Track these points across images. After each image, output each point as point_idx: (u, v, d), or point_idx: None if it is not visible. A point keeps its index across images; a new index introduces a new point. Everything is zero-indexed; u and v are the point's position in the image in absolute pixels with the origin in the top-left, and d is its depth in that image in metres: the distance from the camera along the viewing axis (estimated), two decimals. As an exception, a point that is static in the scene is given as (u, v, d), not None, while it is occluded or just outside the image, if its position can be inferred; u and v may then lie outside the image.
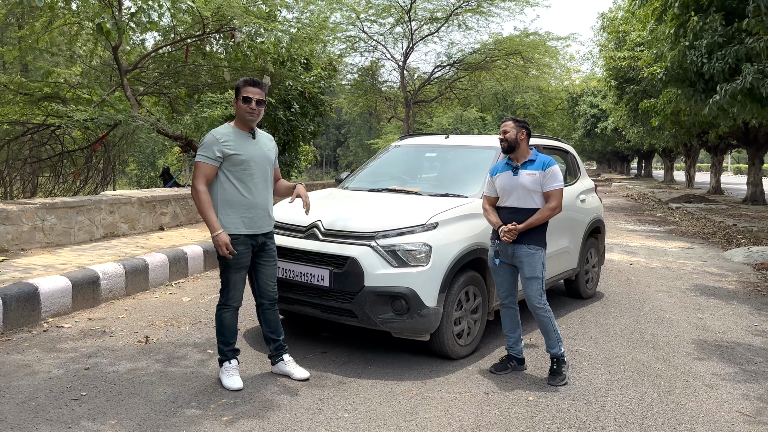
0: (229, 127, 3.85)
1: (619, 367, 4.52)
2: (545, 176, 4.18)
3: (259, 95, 3.82)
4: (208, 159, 3.74)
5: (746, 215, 15.43)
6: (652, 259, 9.37)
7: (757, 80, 9.24)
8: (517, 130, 4.24)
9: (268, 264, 4.03)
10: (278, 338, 4.14)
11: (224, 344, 3.96)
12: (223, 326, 3.94)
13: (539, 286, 4.17)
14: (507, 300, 4.36)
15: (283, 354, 4.15)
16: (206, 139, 3.78)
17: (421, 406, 3.72)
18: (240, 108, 3.81)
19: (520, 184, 4.20)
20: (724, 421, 3.65)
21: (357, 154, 51.45)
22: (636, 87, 19.25)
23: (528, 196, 4.20)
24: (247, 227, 3.84)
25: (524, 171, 4.23)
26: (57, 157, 11.63)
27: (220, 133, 3.79)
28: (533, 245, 4.16)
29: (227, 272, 3.88)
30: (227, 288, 3.92)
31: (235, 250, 3.77)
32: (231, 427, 3.36)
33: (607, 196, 25.90)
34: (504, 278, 4.34)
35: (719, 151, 25.10)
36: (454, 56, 22.94)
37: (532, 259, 4.15)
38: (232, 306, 3.95)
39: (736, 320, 5.92)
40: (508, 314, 4.37)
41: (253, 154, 3.84)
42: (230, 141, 3.77)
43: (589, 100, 39.93)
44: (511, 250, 4.21)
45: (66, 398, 3.66)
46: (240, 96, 3.80)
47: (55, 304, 5.23)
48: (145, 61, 11.61)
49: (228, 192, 3.81)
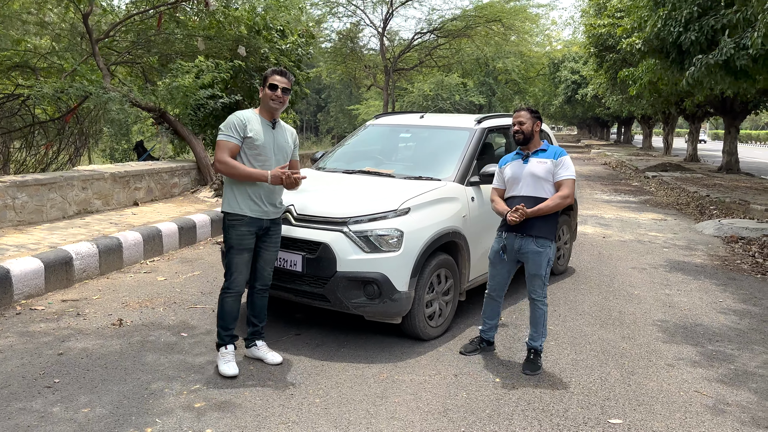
0: (252, 113, 3.92)
1: (585, 346, 4.65)
2: (557, 165, 4.10)
3: (286, 84, 3.89)
4: (231, 138, 3.81)
5: (720, 185, 15.68)
6: (625, 232, 9.53)
7: (732, 52, 9.28)
8: (533, 122, 4.16)
9: (269, 249, 4.06)
10: (258, 324, 4.18)
11: (223, 329, 3.97)
12: (223, 311, 3.96)
13: (541, 282, 4.16)
14: (495, 293, 4.38)
15: (257, 339, 4.20)
16: (229, 120, 3.84)
17: (391, 389, 3.81)
18: (266, 95, 3.87)
19: (530, 171, 4.13)
20: (682, 401, 3.79)
21: (338, 120, 50.99)
22: (615, 55, 19.23)
23: (538, 184, 4.12)
24: (252, 211, 3.88)
25: (535, 159, 4.16)
26: (28, 128, 11.39)
27: (243, 116, 3.86)
28: (542, 239, 4.07)
29: (230, 252, 3.91)
30: (230, 271, 3.94)
31: (235, 234, 3.85)
32: (203, 414, 3.42)
33: (586, 163, 26.11)
34: (500, 274, 4.31)
35: (696, 119, 25.31)
36: (435, 23, 22.67)
37: (539, 257, 4.09)
38: (234, 290, 3.95)
39: (702, 296, 6.09)
40: (491, 304, 4.42)
41: (268, 142, 3.89)
42: (251, 124, 3.84)
43: (570, 66, 39.85)
44: (518, 245, 4.14)
45: (39, 386, 3.69)
46: (267, 83, 3.86)
47: (27, 285, 5.21)
48: (117, 29, 11.33)
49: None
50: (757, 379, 4.18)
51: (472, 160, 5.20)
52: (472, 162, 5.19)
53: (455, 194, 4.87)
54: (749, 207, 11.34)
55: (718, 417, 3.61)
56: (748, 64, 9.33)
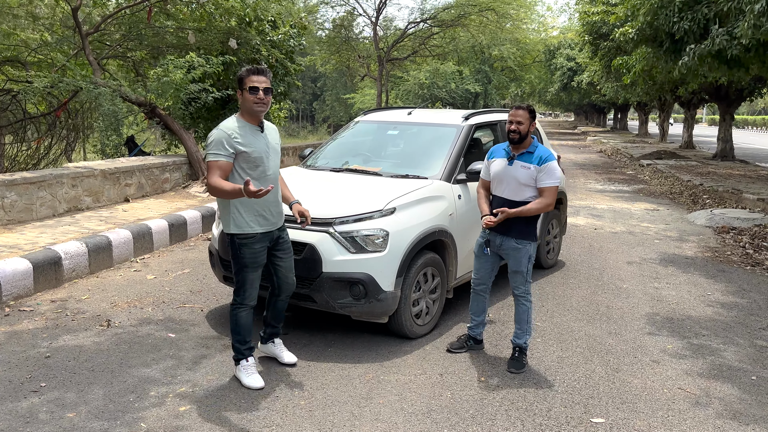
0: (236, 121, 3.64)
1: (571, 342, 4.67)
2: (540, 171, 4.05)
3: (266, 83, 3.61)
4: (222, 156, 3.53)
5: (714, 173, 15.69)
6: (616, 223, 9.55)
7: (725, 42, 9.26)
8: (530, 122, 4.09)
9: (285, 257, 3.94)
10: (277, 325, 4.15)
11: (240, 343, 3.86)
12: (238, 326, 3.83)
13: (523, 278, 4.18)
14: (480, 287, 4.40)
15: (275, 338, 4.19)
16: (216, 136, 3.55)
17: (376, 390, 3.83)
18: (247, 100, 3.59)
19: (513, 175, 4.11)
20: (665, 399, 3.82)
21: (334, 108, 50.82)
22: (610, 43, 19.13)
23: (519, 188, 4.09)
24: (262, 225, 3.72)
25: (519, 162, 4.10)
26: (19, 123, 11.34)
27: (229, 128, 3.58)
28: (521, 239, 4.10)
29: (244, 271, 3.75)
30: (243, 287, 3.78)
31: (249, 252, 3.69)
32: (188, 417, 3.44)
33: (581, 151, 26.11)
34: (484, 267, 4.34)
35: (692, 105, 25.27)
36: (428, 12, 22.54)
37: (518, 253, 4.12)
38: (248, 305, 3.82)
39: (690, 289, 6.12)
40: (477, 300, 4.44)
41: (263, 149, 3.68)
42: (239, 136, 3.58)
43: (566, 53, 39.69)
44: (499, 241, 4.18)
45: (25, 390, 3.70)
46: (245, 87, 3.58)
47: (16, 286, 5.21)
48: (106, 23, 11.25)
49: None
50: (740, 373, 4.21)
51: (459, 157, 5.19)
52: (459, 159, 5.18)
53: (441, 192, 4.87)
54: (742, 196, 11.36)
55: (700, 414, 3.64)
56: (740, 53, 9.32)
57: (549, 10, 45.18)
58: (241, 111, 3.72)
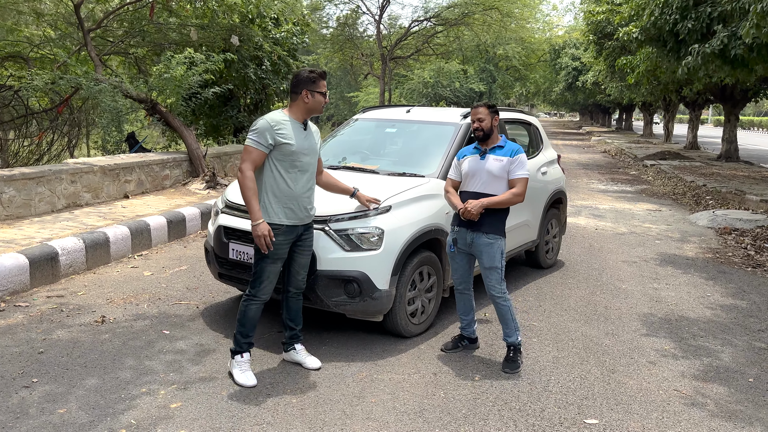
0: (283, 115, 3.79)
1: (567, 343, 4.64)
2: (512, 163, 4.12)
3: (326, 86, 3.84)
4: (260, 145, 3.68)
5: (718, 174, 15.61)
6: (618, 224, 9.50)
7: (728, 41, 9.19)
8: (491, 117, 4.18)
9: (303, 254, 3.98)
10: (295, 327, 4.11)
11: (242, 335, 3.86)
12: (245, 317, 3.84)
13: (498, 276, 4.16)
14: (461, 286, 4.39)
15: (295, 343, 4.14)
16: (260, 124, 3.70)
17: (369, 389, 3.80)
18: (317, 102, 3.79)
19: (486, 169, 4.15)
20: (660, 401, 3.79)
21: (338, 107, 50.76)
22: (614, 43, 19.06)
23: (493, 181, 4.15)
24: (289, 218, 3.78)
25: (491, 156, 4.17)
26: (21, 119, 11.36)
27: (274, 120, 3.72)
28: (492, 234, 4.12)
29: (263, 262, 3.78)
30: (260, 279, 3.80)
31: (272, 243, 3.72)
32: (178, 414, 3.43)
33: (585, 151, 26.02)
34: (459, 265, 4.34)
35: (697, 106, 25.14)
36: (432, 11, 22.49)
37: (491, 248, 4.12)
38: (260, 298, 3.85)
39: (690, 290, 6.07)
40: (463, 299, 4.42)
41: (303, 146, 3.78)
42: (284, 130, 3.71)
43: (571, 53, 39.58)
44: (470, 239, 4.17)
45: (17, 385, 3.70)
46: (317, 90, 3.77)
47: (12, 282, 5.21)
48: (109, 19, 11.26)
49: (274, 181, 3.75)
50: (737, 375, 4.17)
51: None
52: (456, 157, 5.14)
53: (438, 191, 4.82)
54: (745, 197, 11.29)
55: (695, 416, 3.60)
56: (744, 53, 9.25)
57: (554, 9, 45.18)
58: (292, 108, 3.84)
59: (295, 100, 3.81)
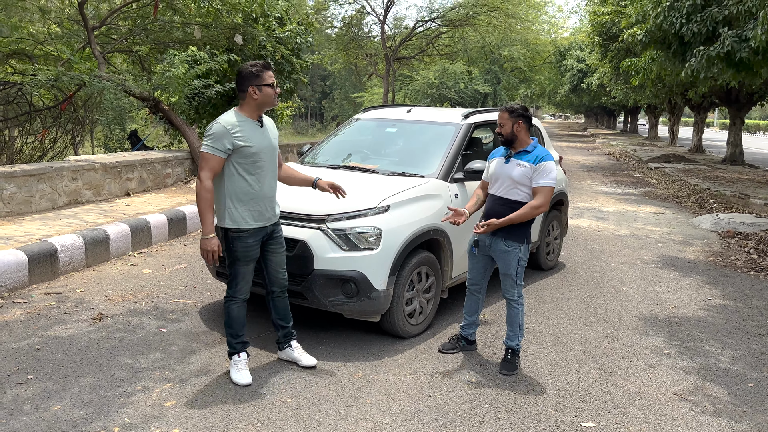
0: (235, 115, 3.64)
1: (566, 345, 4.61)
2: (535, 171, 3.99)
3: (273, 77, 3.68)
4: (217, 151, 3.54)
5: (722, 177, 15.54)
6: (620, 226, 9.45)
7: (734, 44, 9.15)
8: (513, 122, 4.04)
9: (276, 252, 3.94)
10: (287, 325, 4.09)
11: (233, 336, 3.85)
12: (231, 318, 3.84)
13: (512, 282, 4.12)
14: (474, 287, 4.35)
15: (291, 340, 4.13)
16: (214, 129, 3.55)
17: (364, 389, 3.78)
18: (267, 95, 3.63)
19: (508, 173, 4.07)
20: (658, 404, 3.75)
21: (342, 107, 50.86)
22: (619, 45, 19.00)
23: (514, 187, 4.05)
24: (256, 220, 3.72)
25: (515, 160, 4.07)
26: (25, 116, 11.38)
27: (230, 123, 3.57)
28: (510, 241, 4.04)
29: (236, 265, 3.76)
30: (235, 280, 3.80)
31: (242, 246, 3.71)
32: (172, 413, 3.41)
33: (590, 153, 25.94)
34: (477, 267, 4.29)
35: (702, 109, 25.04)
36: (436, 11, 22.46)
37: (507, 256, 4.06)
38: (239, 298, 3.83)
39: (691, 294, 6.03)
40: (472, 299, 4.39)
41: (262, 144, 3.68)
42: (240, 132, 3.58)
43: (576, 55, 39.50)
44: (489, 242, 4.13)
45: (12, 382, 3.69)
46: (264, 82, 3.61)
47: (10, 278, 5.21)
48: (113, 17, 11.27)
49: (237, 185, 3.65)
50: (737, 379, 4.14)
51: (456, 156, 5.13)
52: (456, 158, 5.12)
53: (438, 191, 4.81)
54: (749, 201, 11.23)
55: (694, 420, 3.57)
56: (749, 57, 9.20)
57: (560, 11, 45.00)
58: (243, 106, 3.69)
59: (244, 98, 3.66)
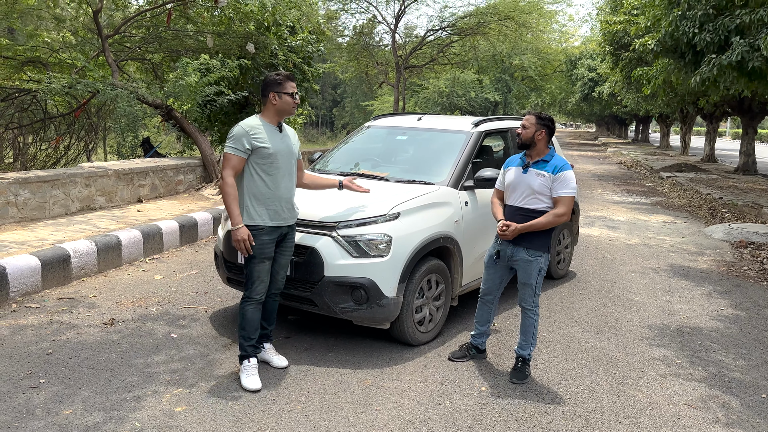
0: (257, 120, 3.88)
1: (577, 354, 4.58)
2: (555, 180, 3.97)
3: (296, 88, 3.91)
4: (237, 151, 3.77)
5: (735, 187, 15.42)
6: (632, 235, 9.40)
7: (746, 53, 9.11)
8: (536, 129, 4.02)
9: (284, 254, 4.05)
10: (267, 327, 4.16)
11: (245, 339, 3.91)
12: (245, 320, 3.90)
13: (531, 291, 4.10)
14: (487, 297, 4.33)
15: (264, 342, 4.18)
16: (235, 131, 3.80)
17: (374, 396, 3.78)
18: (286, 103, 3.87)
19: (527, 183, 4.05)
20: (670, 415, 3.72)
21: (353, 116, 50.97)
22: (631, 54, 18.96)
23: (533, 197, 4.02)
24: (272, 219, 3.87)
25: (534, 170, 4.05)
26: (39, 123, 11.52)
27: (249, 126, 3.82)
28: (533, 250, 4.02)
29: (251, 263, 3.87)
30: (251, 279, 3.89)
31: (251, 248, 3.80)
32: (182, 418, 3.42)
33: (601, 162, 25.84)
34: (493, 277, 4.27)
35: (714, 118, 24.89)
36: (447, 20, 22.53)
37: (529, 266, 4.04)
38: (254, 299, 3.90)
39: (704, 304, 5.99)
40: (484, 309, 4.36)
41: (279, 148, 3.87)
42: (259, 134, 3.81)
43: (587, 64, 39.41)
44: (510, 251, 4.10)
45: (24, 386, 3.72)
46: (285, 91, 3.85)
47: (24, 283, 5.26)
48: (126, 25, 11.39)
49: (255, 184, 3.84)
50: (749, 391, 4.09)
51: (467, 163, 5.14)
52: (467, 166, 5.13)
53: (448, 199, 4.82)
54: (761, 211, 11.14)
55: (705, 431, 3.54)
56: (762, 66, 9.15)
57: (571, 20, 44.85)
58: (264, 112, 3.93)
59: (265, 103, 3.91)
